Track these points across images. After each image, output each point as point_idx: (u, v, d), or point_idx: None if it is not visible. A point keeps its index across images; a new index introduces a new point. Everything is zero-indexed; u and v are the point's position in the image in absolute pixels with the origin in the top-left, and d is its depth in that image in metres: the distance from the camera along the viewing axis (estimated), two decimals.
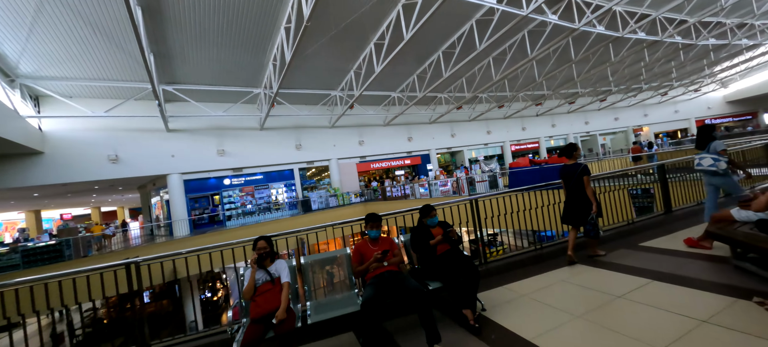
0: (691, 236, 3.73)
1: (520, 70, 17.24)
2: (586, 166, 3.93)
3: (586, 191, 3.80)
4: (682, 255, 3.46)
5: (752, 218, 2.89)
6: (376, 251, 3.01)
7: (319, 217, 14.57)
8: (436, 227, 3.34)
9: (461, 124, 22.48)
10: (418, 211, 3.53)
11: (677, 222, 4.54)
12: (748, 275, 2.72)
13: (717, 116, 30.93)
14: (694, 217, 4.66)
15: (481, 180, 10.93)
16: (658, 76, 23.28)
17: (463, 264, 2.99)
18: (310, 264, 3.29)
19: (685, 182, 5.24)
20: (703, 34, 15.85)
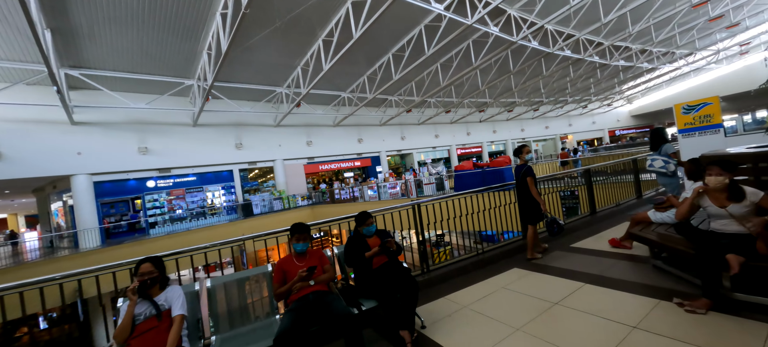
0: (614, 236, 4.03)
1: (466, 78, 18.10)
2: (530, 167, 4.04)
3: (531, 191, 3.92)
4: (608, 256, 3.71)
5: (666, 220, 3.16)
6: (302, 267, 2.57)
7: (261, 222, 13.54)
8: (373, 237, 3.04)
9: (411, 127, 22.88)
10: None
11: (601, 223, 4.94)
12: (664, 274, 2.95)
13: (624, 127, 36.04)
14: (615, 217, 5.13)
15: (428, 183, 11.10)
16: (580, 91, 26.34)
17: (402, 278, 2.72)
18: (220, 287, 2.68)
19: (607, 185, 5.81)
20: (615, 56, 18.23)
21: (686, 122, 4.46)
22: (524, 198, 4.02)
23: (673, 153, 4.13)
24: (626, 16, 13.83)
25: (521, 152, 4.16)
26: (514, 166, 4.30)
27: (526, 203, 4.00)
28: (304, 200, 15.93)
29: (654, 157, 4.24)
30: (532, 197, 3.91)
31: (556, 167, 16.31)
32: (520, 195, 4.08)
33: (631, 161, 5.45)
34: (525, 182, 3.97)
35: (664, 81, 29.31)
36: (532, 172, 4.01)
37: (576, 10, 12.73)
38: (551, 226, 3.93)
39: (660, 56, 21.13)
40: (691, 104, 4.39)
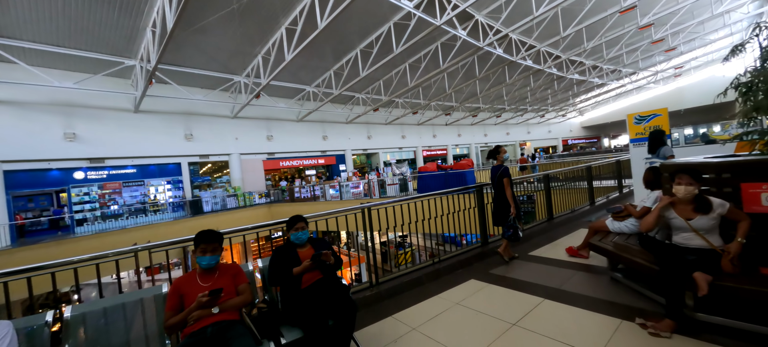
0: (571, 244, 3.98)
1: (433, 81, 18.19)
2: (506, 168, 3.95)
3: (506, 192, 3.82)
4: (566, 266, 3.64)
5: (624, 230, 3.11)
6: (205, 289, 1.98)
7: (211, 221, 12.46)
8: (306, 247, 2.49)
9: (377, 126, 22.61)
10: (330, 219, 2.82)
11: (558, 229, 4.96)
12: (623, 288, 2.87)
13: (575, 137, 38.73)
14: (571, 224, 5.17)
15: (391, 183, 10.85)
16: (538, 101, 27.79)
17: (337, 298, 2.22)
18: (84, 319, 1.94)
19: (563, 191, 5.91)
20: (570, 70, 19.36)
21: (637, 131, 4.60)
22: (500, 199, 3.94)
23: (670, 156, 4.07)
24: (582, 32, 14.67)
25: (498, 153, 4.06)
26: (491, 167, 4.12)
27: (501, 204, 3.92)
28: (262, 198, 14.98)
29: (653, 160, 4.21)
30: (507, 200, 3.83)
31: (515, 171, 16.93)
32: (497, 196, 3.99)
33: (586, 168, 5.59)
34: (501, 183, 3.88)
35: (610, 96, 31.90)
36: (508, 173, 3.93)
37: (538, 21, 13.29)
38: (510, 229, 3.85)
39: (609, 73, 22.86)
40: (642, 115, 4.53)
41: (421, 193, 10.57)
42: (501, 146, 4.10)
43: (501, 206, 3.89)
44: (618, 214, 3.24)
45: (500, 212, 3.90)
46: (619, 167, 6.42)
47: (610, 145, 38.41)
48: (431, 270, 3.79)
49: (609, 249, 2.89)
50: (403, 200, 3.96)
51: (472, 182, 9.44)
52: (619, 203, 3.57)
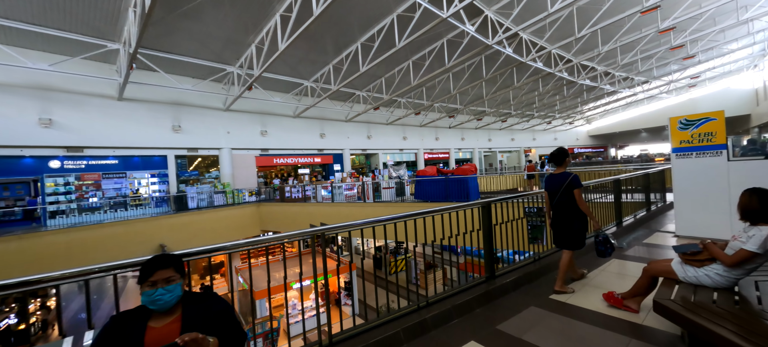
0: (611, 289, 3.07)
1: (437, 81, 17.42)
2: (576, 176, 3.14)
3: (579, 205, 3.10)
4: (608, 323, 2.60)
5: (704, 281, 2.17)
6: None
7: (195, 218, 11.72)
8: (169, 318, 1.39)
9: (378, 126, 21.82)
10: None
11: (582, 259, 3.90)
12: None
13: (582, 146, 37.76)
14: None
15: (387, 187, 10.05)
16: (546, 107, 26.90)
17: None
18: None
19: None
20: (582, 75, 18.49)
21: (682, 139, 3.77)
22: (564, 216, 3.20)
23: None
24: (598, 34, 13.82)
25: (565, 157, 3.27)
26: (548, 173, 3.48)
27: (567, 222, 3.17)
28: (252, 196, 14.21)
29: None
30: (575, 214, 3.13)
31: (521, 179, 16.08)
32: (562, 211, 3.22)
33: (614, 181, 4.65)
34: (569, 194, 3.13)
35: (620, 105, 30.95)
36: (579, 182, 3.14)
37: (551, 21, 12.47)
38: (603, 245, 3.14)
39: (621, 80, 21.96)
40: (690, 119, 3.70)
41: (417, 199, 9.81)
42: (565, 149, 3.29)
43: (569, 222, 3.14)
44: (692, 255, 2.31)
45: (568, 230, 3.15)
46: (648, 180, 5.56)
47: (617, 155, 37.42)
48: (414, 323, 2.69)
49: (684, 314, 1.89)
50: (389, 221, 3.03)
51: (475, 189, 8.61)
52: (695, 241, 2.52)
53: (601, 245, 3.14)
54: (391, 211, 9.42)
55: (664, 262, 2.40)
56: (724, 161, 3.51)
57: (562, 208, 3.18)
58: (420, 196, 9.24)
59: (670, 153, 3.80)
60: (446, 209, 3.14)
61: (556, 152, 3.31)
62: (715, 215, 3.57)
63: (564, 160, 3.25)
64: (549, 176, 3.37)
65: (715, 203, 3.56)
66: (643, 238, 4.13)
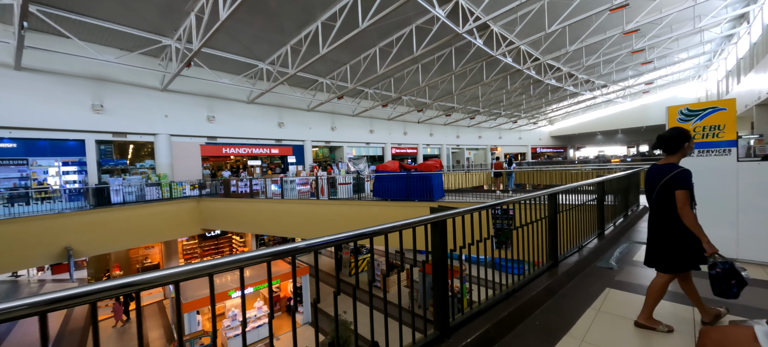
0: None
1: (406, 72, 16.58)
2: (685, 173, 2.16)
3: (682, 216, 2.11)
4: None
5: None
6: None
7: (119, 215, 9.94)
8: None
9: (343, 117, 20.61)
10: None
11: (571, 293, 2.77)
12: None
13: (544, 146, 39.06)
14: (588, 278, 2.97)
15: (344, 183, 8.98)
16: (512, 106, 27.17)
17: None
18: None
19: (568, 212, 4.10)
20: (548, 75, 18.55)
21: None
22: (658, 223, 2.26)
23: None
24: (566, 32, 13.67)
25: (679, 143, 2.23)
26: (650, 166, 2.34)
27: (662, 232, 2.23)
28: (195, 190, 12.49)
29: None
30: (675, 225, 2.16)
31: (488, 177, 15.74)
32: (653, 217, 2.31)
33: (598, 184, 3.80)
34: (666, 196, 2.18)
35: (581, 108, 32.18)
36: (686, 181, 2.14)
37: (522, 14, 12.06)
38: (726, 281, 2.00)
39: (583, 83, 22.51)
40: (694, 108, 3.04)
41: (376, 197, 8.87)
42: (685, 132, 2.27)
43: (664, 233, 2.22)
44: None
45: (662, 243, 2.22)
46: (630, 182, 5.03)
47: (575, 156, 39.20)
48: None
49: None
50: (317, 246, 1.92)
51: (439, 187, 7.83)
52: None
53: (719, 280, 2.02)
54: (346, 212, 8.41)
55: (735, 331, 1.54)
56: (733, 162, 2.91)
57: (657, 211, 2.27)
58: (379, 193, 8.30)
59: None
60: (379, 230, 2.03)
61: (667, 133, 2.27)
62: (720, 229, 2.98)
63: (680, 145, 2.22)
64: (651, 167, 2.36)
65: (720, 213, 2.96)
66: (634, 254, 3.36)
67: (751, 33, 14.46)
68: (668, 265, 2.21)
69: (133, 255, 14.90)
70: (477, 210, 2.32)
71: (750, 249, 2.92)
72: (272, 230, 10.68)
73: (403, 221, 1.92)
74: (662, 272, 2.27)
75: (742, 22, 15.64)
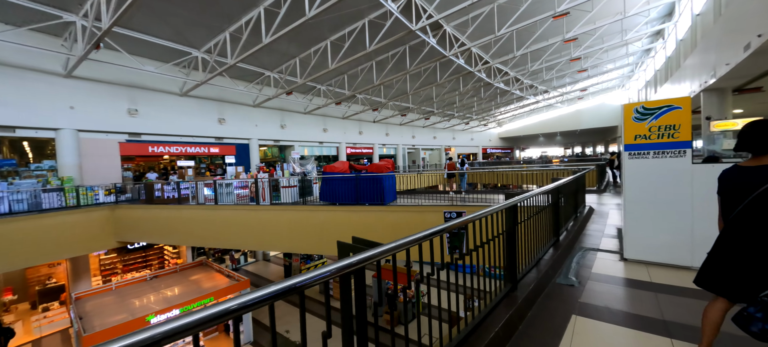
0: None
1: (360, 69, 16.01)
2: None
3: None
4: None
5: None
6: None
7: (9, 228, 7.99)
8: None
9: (294, 115, 19.40)
10: None
11: (534, 323, 2.32)
12: None
13: (494, 146, 41.12)
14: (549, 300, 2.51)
15: (288, 186, 8.10)
16: (464, 108, 28.00)
17: None
18: None
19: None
20: (497, 78, 19.25)
21: (638, 133, 2.96)
22: (747, 240, 1.74)
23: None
24: (513, 37, 14.17)
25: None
26: (730, 167, 1.90)
27: (750, 251, 1.72)
28: (110, 195, 10.62)
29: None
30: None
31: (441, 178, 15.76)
32: (741, 232, 1.77)
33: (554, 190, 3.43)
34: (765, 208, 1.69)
35: (525, 111, 34.33)
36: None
37: (474, 16, 12.18)
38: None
39: (528, 87, 23.86)
40: (649, 106, 2.88)
41: (323, 200, 8.15)
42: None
43: (759, 256, 1.69)
44: None
45: (752, 267, 1.70)
46: (578, 184, 5.01)
47: (520, 157, 41.93)
48: None
49: None
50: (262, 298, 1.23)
51: (391, 189, 7.38)
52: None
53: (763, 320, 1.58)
54: (290, 218, 7.57)
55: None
56: (688, 164, 2.81)
57: (748, 226, 1.76)
58: (327, 197, 7.60)
59: (619, 149, 3.04)
60: (297, 284, 1.38)
61: (753, 128, 1.82)
62: (675, 234, 2.87)
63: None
64: (734, 169, 1.89)
65: (675, 219, 2.85)
66: (590, 264, 3.11)
67: (666, 48, 16.29)
68: (744, 292, 1.75)
69: (32, 276, 12.34)
70: (437, 234, 1.78)
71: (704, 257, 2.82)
72: (203, 241, 9.42)
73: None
74: (732, 300, 1.82)
75: (659, 38, 17.62)
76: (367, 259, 1.33)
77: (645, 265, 3.04)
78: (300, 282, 1.11)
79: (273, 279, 15.39)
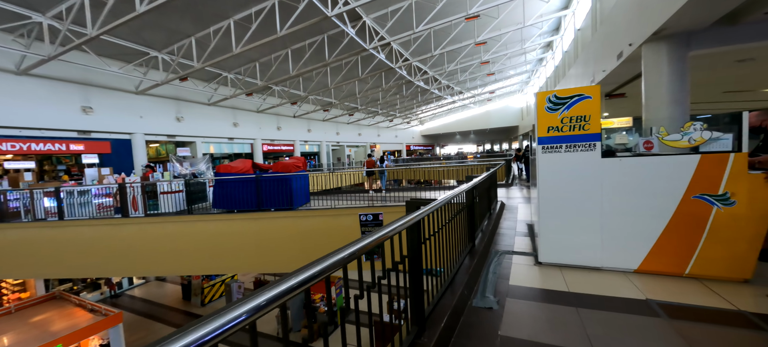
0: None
1: (274, 57, 14.42)
2: None
3: None
4: None
5: None
6: None
7: None
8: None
9: (195, 106, 16.65)
10: None
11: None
12: None
13: (417, 144, 42.86)
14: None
15: (167, 191, 6.43)
16: (388, 105, 28.24)
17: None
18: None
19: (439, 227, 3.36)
20: (417, 76, 19.67)
21: (551, 124, 2.76)
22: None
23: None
24: (431, 36, 14.46)
25: None
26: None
27: None
28: None
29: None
30: None
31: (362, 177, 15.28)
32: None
33: (468, 193, 2.98)
34: None
35: (444, 110, 36.51)
36: None
37: (393, 10, 11.94)
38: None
39: (445, 87, 25.18)
40: (562, 95, 2.69)
41: (217, 208, 6.74)
42: None
43: None
44: None
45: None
46: (491, 180, 4.92)
47: (440, 153, 44.72)
48: None
49: None
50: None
51: (302, 191, 6.46)
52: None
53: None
54: (171, 232, 6.01)
55: None
56: (598, 158, 2.69)
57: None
58: (221, 203, 6.26)
59: (530, 145, 2.81)
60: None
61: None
62: (586, 234, 2.74)
63: None
64: None
65: (586, 218, 2.72)
66: (507, 275, 2.79)
67: (555, 58, 18.77)
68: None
69: None
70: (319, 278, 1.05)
71: (614, 257, 2.74)
72: (38, 271, 6.98)
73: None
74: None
75: (549, 50, 20.26)
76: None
77: (559, 269, 2.88)
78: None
79: (168, 304, 12.81)
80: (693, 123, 2.40)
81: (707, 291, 2.31)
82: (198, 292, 11.80)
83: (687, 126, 2.43)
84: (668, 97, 5.34)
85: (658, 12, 4.91)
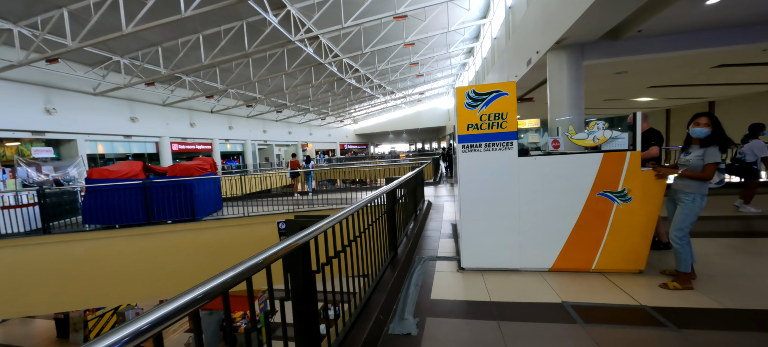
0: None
1: (182, 42, 12.48)
2: None
3: None
4: None
5: None
6: None
7: None
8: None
9: (76, 96, 13.53)
10: None
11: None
12: None
13: (351, 143, 42.45)
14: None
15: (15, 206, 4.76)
16: (319, 103, 27.21)
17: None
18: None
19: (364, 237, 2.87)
20: (348, 73, 19.26)
21: (471, 122, 2.63)
22: None
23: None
24: (361, 34, 14.19)
25: None
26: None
27: None
28: None
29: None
30: None
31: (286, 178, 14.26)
32: None
33: (389, 198, 2.73)
34: None
35: (377, 110, 36.83)
36: None
37: (320, 2, 11.32)
38: None
39: (377, 87, 25.28)
40: (480, 91, 2.56)
41: (88, 223, 5.31)
42: None
43: None
44: None
45: None
46: (417, 179, 4.76)
47: (374, 152, 45.14)
48: None
49: None
50: None
51: (211, 199, 5.49)
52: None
53: None
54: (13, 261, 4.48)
55: None
56: (515, 157, 2.64)
57: None
58: (96, 218, 4.93)
59: (452, 144, 2.67)
60: None
61: None
62: (505, 235, 2.68)
63: None
64: None
65: (504, 219, 2.66)
66: (430, 287, 2.58)
67: (476, 63, 20.24)
68: None
69: None
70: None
71: (531, 257, 2.73)
72: None
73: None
74: None
75: (471, 56, 21.79)
76: None
77: (481, 274, 2.79)
78: None
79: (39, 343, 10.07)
80: (597, 122, 2.53)
81: (611, 286, 2.44)
82: (79, 327, 9.51)
83: (592, 125, 2.56)
84: (568, 100, 5.94)
85: (560, 23, 5.38)
